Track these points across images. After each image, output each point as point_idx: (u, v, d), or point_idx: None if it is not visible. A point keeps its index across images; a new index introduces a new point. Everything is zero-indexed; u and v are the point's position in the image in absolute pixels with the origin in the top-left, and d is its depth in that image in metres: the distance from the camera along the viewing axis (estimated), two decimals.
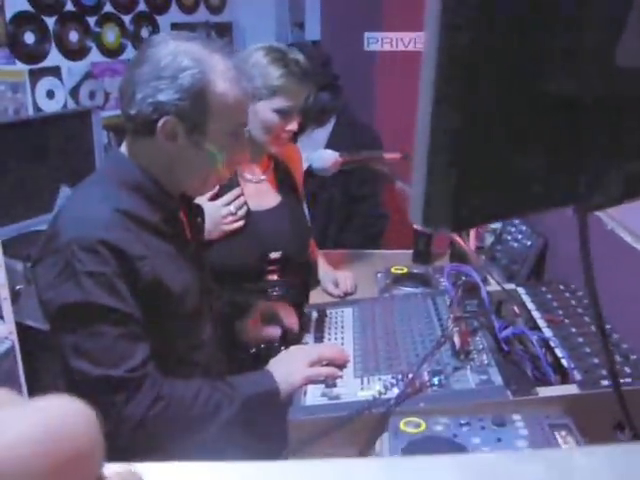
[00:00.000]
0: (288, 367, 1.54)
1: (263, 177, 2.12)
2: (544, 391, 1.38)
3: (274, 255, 2.07)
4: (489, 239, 2.47)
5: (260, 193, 2.11)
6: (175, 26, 3.89)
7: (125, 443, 1.38)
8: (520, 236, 2.25)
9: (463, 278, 1.75)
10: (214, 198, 1.99)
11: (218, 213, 1.97)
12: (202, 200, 1.95)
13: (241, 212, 2.01)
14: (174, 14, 3.92)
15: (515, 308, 1.62)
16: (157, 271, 1.38)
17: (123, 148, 1.47)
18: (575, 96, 0.52)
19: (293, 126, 1.96)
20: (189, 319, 1.49)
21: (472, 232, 2.54)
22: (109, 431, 1.19)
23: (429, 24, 0.49)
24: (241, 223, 2.01)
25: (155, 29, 3.78)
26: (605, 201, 0.59)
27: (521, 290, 1.83)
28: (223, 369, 1.65)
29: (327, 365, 1.56)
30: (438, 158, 0.48)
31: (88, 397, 1.24)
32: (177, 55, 1.36)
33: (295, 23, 4.13)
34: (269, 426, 1.50)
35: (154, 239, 1.42)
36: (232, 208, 1.99)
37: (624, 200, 0.61)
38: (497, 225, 2.46)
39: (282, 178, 2.18)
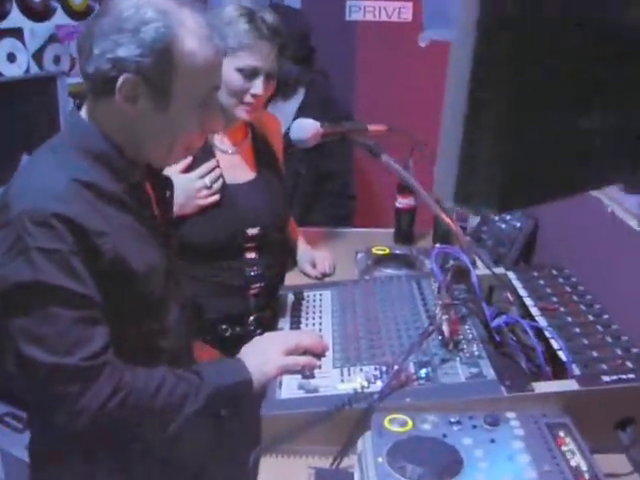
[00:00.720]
0: (263, 356, 1.41)
1: (235, 148, 1.98)
2: (540, 387, 1.28)
3: (251, 231, 1.94)
4: (474, 220, 2.35)
5: (235, 165, 1.97)
6: None
7: (80, 435, 1.25)
8: (508, 217, 2.14)
9: (451, 261, 1.63)
10: (187, 170, 1.86)
11: (192, 186, 1.83)
12: (174, 172, 1.82)
13: (216, 185, 1.87)
14: None
15: (509, 295, 1.50)
16: (119, 248, 1.24)
17: (83, 112, 1.32)
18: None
19: (258, 89, 1.81)
20: (154, 301, 1.36)
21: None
22: (63, 423, 1.05)
23: None
24: (216, 197, 1.87)
25: None
26: None
27: (511, 275, 1.72)
28: (191, 357, 1.52)
29: (304, 354, 1.43)
30: (480, 126, 0.36)
31: (40, 387, 1.09)
32: (141, 7, 1.20)
33: None
34: (240, 421, 1.37)
35: (116, 213, 1.28)
36: (207, 181, 1.86)
37: None
38: None
39: (260, 149, 2.03)
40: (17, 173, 1.31)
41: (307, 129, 1.68)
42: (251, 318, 1.98)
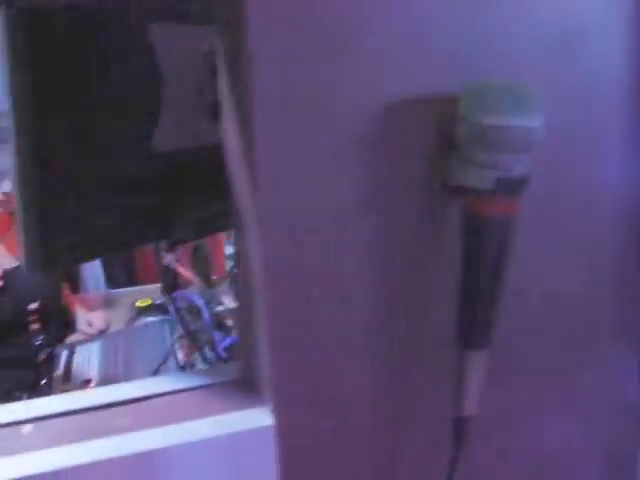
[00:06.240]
0: None
1: (3, 237, 2.28)
2: None
3: (32, 306, 2.22)
4: (229, 264, 2.76)
5: (9, 250, 2.26)
6: None
7: None
8: None
9: (190, 303, 2.03)
10: None
11: None
12: None
13: None
14: None
15: (230, 322, 1.91)
16: None
17: None
18: (129, 175, 0.79)
19: (7, 188, 2.14)
20: None
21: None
22: None
23: None
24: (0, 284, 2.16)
25: None
26: (179, 240, 0.87)
27: None
28: None
29: None
30: (27, 211, 0.72)
31: None
32: None
33: None
34: None
35: None
36: None
37: (197, 238, 0.89)
38: (234, 251, 2.76)
39: None
40: None
41: None
42: (42, 382, 2.25)
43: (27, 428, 0.64)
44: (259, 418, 0.64)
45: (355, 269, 0.64)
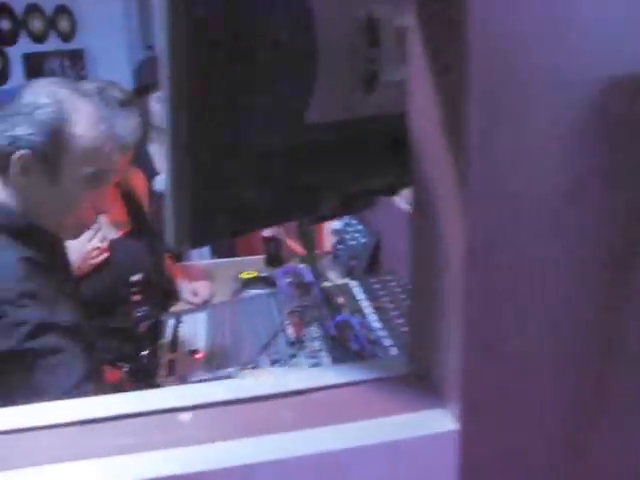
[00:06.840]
0: None
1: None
2: None
3: (135, 278, 2.24)
4: (333, 240, 2.73)
5: (112, 221, 2.28)
6: (27, 56, 3.95)
7: None
8: (357, 235, 2.51)
9: (300, 278, 2.00)
10: None
11: (84, 250, 2.12)
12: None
13: (105, 245, 2.18)
14: (24, 44, 3.98)
15: (340, 299, 1.87)
16: None
17: None
18: (280, 148, 0.75)
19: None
20: None
21: (326, 234, 2.82)
22: None
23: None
24: (107, 254, 2.17)
25: (5, 61, 3.83)
26: (324, 216, 0.82)
27: (353, 283, 2.09)
28: None
29: None
30: (178, 185, 0.68)
31: None
32: (39, 94, 1.45)
33: (147, 46, 4.27)
34: None
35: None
36: (97, 242, 2.16)
37: (342, 215, 0.84)
38: (339, 226, 2.72)
39: (129, 203, 2.36)
40: None
41: None
42: (143, 353, 2.27)
43: (186, 417, 0.60)
44: (440, 422, 0.58)
45: (560, 261, 0.57)
